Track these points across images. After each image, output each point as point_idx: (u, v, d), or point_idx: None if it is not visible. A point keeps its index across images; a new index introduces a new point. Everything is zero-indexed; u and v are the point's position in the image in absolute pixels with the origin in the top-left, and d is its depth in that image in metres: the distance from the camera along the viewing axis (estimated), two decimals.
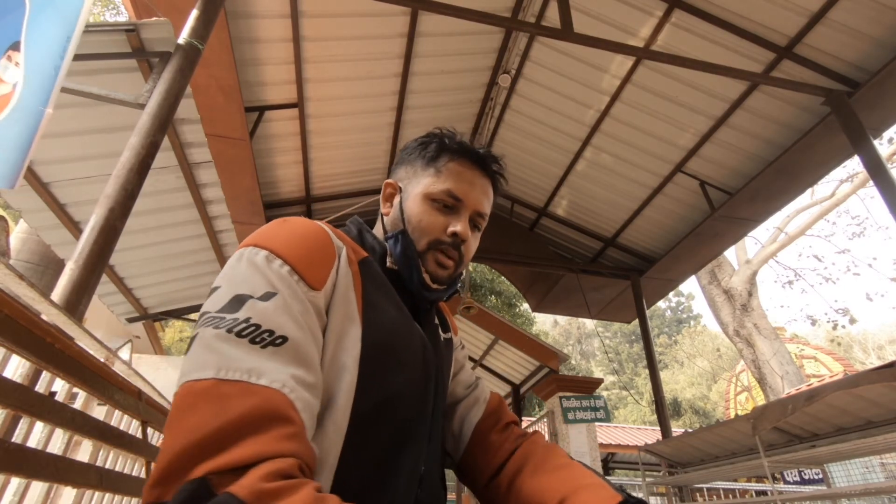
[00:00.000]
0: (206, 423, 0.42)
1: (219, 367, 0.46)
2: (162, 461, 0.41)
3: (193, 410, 0.43)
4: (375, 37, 4.02)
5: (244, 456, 0.40)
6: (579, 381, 5.87)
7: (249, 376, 0.46)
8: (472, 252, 0.78)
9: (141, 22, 2.67)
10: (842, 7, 3.35)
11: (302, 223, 0.64)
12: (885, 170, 3.30)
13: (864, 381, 2.70)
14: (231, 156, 3.92)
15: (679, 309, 33.31)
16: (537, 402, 13.68)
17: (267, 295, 0.53)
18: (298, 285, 0.56)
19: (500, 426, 0.81)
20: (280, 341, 0.50)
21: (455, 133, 0.79)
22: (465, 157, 0.76)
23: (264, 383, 0.46)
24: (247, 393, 0.45)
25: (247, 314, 0.51)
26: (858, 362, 23.08)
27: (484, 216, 0.78)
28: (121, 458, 1.80)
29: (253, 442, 0.41)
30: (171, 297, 5.59)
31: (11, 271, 1.03)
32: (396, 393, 0.62)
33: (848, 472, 5.51)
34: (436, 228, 0.73)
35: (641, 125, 4.76)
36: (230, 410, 0.43)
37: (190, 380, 0.46)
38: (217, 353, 0.47)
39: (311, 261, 0.59)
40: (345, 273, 0.63)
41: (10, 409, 0.89)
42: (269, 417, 0.44)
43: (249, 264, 0.56)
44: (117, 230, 1.98)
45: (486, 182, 0.78)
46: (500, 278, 12.34)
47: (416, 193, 0.75)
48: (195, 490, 0.39)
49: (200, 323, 0.51)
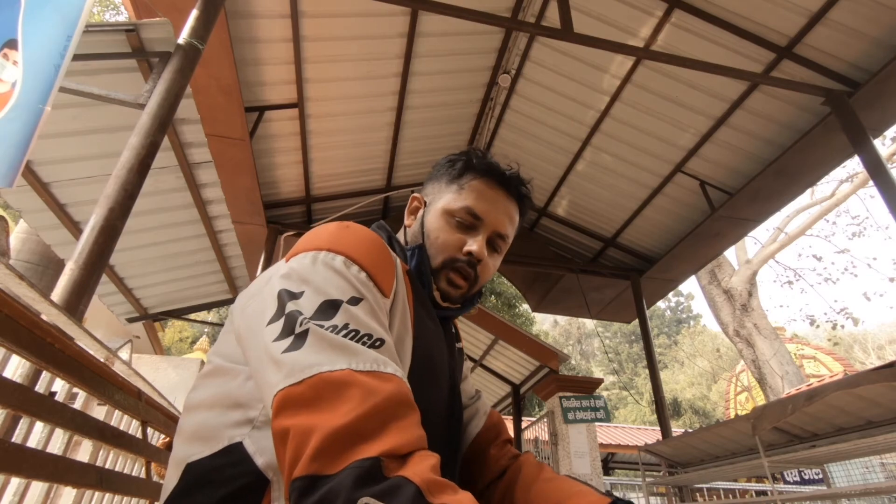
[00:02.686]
0: (358, 406, 0.43)
1: (349, 359, 0.47)
2: (320, 437, 0.42)
3: (339, 395, 0.45)
4: (375, 37, 4.02)
5: (401, 444, 0.42)
6: (579, 381, 5.87)
7: (378, 366, 0.48)
8: (490, 274, 0.76)
9: (141, 22, 2.67)
10: (842, 7, 3.35)
11: (364, 230, 0.65)
12: (885, 170, 3.30)
13: (864, 381, 2.70)
14: (231, 156, 3.92)
15: (679, 309, 33.31)
16: (537, 402, 13.69)
17: (354, 300, 0.54)
18: (375, 291, 0.57)
19: (499, 442, 0.81)
20: (379, 343, 0.51)
21: (484, 153, 0.78)
22: (490, 177, 0.75)
23: (391, 371, 0.48)
24: (382, 379, 0.47)
25: (343, 319, 0.52)
26: (858, 362, 23.07)
27: (505, 238, 0.76)
28: (121, 458, 1.80)
29: (400, 430, 0.44)
30: (171, 297, 5.59)
31: (11, 271, 1.03)
32: (431, 406, 0.63)
33: (848, 472, 5.51)
34: (452, 246, 0.72)
35: (641, 125, 4.76)
36: (376, 394, 0.45)
37: (322, 371, 0.46)
38: (340, 348, 0.48)
39: (381, 268, 0.60)
40: (401, 283, 0.64)
41: (10, 409, 0.89)
42: (404, 404, 0.46)
43: (328, 268, 0.57)
44: (117, 230, 1.98)
45: (511, 204, 0.77)
46: (500, 278, 12.34)
47: (437, 209, 0.75)
48: (370, 469, 0.40)
49: (304, 323, 0.51)
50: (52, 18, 1.77)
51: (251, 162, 4.08)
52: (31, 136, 1.65)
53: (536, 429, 6.66)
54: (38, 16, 1.75)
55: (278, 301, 0.55)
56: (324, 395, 0.45)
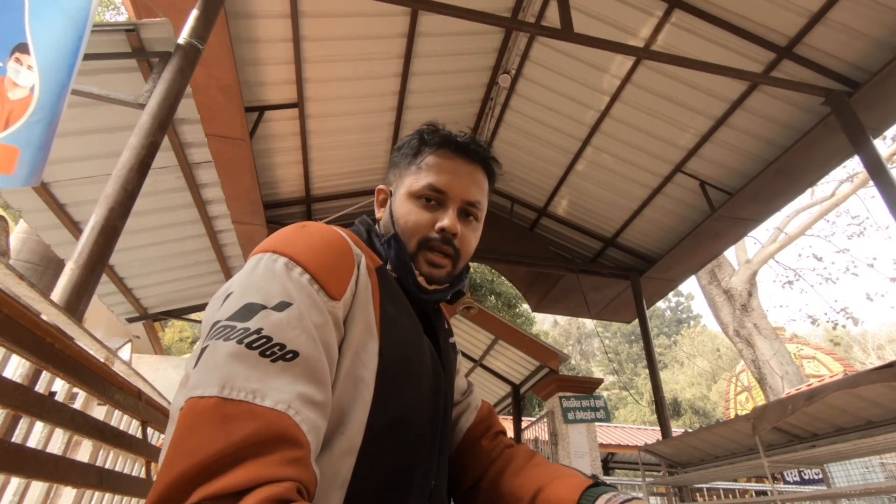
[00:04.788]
0: (207, 446, 0.40)
1: (223, 385, 0.44)
2: (159, 485, 0.40)
3: (194, 431, 0.42)
4: (375, 37, 4.02)
5: (241, 481, 0.39)
6: (579, 381, 5.86)
7: (254, 397, 0.44)
8: (472, 244, 0.75)
9: (141, 22, 2.67)
10: (842, 7, 3.35)
11: (321, 229, 0.62)
12: (885, 170, 3.30)
13: (864, 381, 2.70)
14: (231, 156, 3.92)
15: (679, 309, 33.32)
16: (537, 402, 13.68)
17: (281, 305, 0.51)
18: (319, 295, 0.54)
19: (491, 434, 0.81)
20: (291, 356, 0.48)
21: (437, 126, 0.76)
22: (445, 148, 0.73)
23: (269, 405, 0.44)
24: (250, 415, 0.43)
25: (258, 325, 0.48)
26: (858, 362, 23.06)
27: (476, 204, 0.74)
28: (121, 458, 1.80)
29: (252, 466, 0.40)
30: (171, 297, 5.59)
31: (11, 271, 1.03)
32: (410, 408, 0.61)
33: (848, 472, 5.51)
34: (423, 226, 0.70)
35: (641, 125, 4.76)
36: (232, 433, 0.41)
37: (194, 396, 0.44)
38: (222, 369, 0.45)
39: (332, 269, 0.57)
40: (364, 283, 0.61)
41: (10, 409, 0.89)
42: (272, 441, 0.42)
43: (266, 271, 0.54)
44: (117, 230, 1.98)
45: (474, 168, 0.75)
46: (500, 278, 12.34)
47: (402, 194, 0.73)
48: None
49: (211, 334, 0.49)
50: (59, 20, 1.80)
51: (251, 162, 4.08)
52: (52, 136, 1.71)
53: (536, 429, 6.66)
54: (45, 18, 1.77)
55: (215, 306, 0.54)
56: (184, 428, 0.43)
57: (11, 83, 1.68)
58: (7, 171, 1.63)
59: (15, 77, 1.68)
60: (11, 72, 1.68)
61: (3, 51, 1.69)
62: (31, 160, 1.66)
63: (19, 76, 1.69)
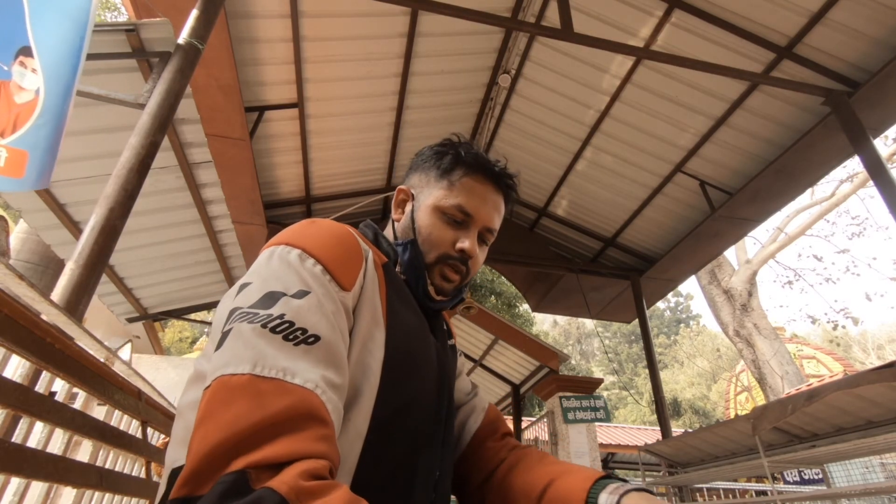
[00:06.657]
0: (243, 418, 0.42)
1: (254, 363, 0.45)
2: (196, 456, 0.40)
3: (229, 405, 0.43)
4: (375, 37, 4.02)
5: (281, 453, 0.40)
6: (579, 381, 5.87)
7: (284, 374, 0.45)
8: (479, 266, 0.78)
9: (141, 22, 2.67)
10: (842, 7, 3.35)
11: (331, 224, 0.64)
12: (885, 170, 3.30)
13: (864, 381, 2.70)
14: (231, 156, 3.92)
15: (679, 309, 33.34)
16: (537, 402, 13.69)
17: (300, 293, 0.53)
18: (331, 285, 0.56)
19: (498, 435, 0.83)
20: (312, 340, 0.50)
21: (471, 144, 0.78)
22: (480, 173, 0.76)
23: (299, 382, 0.45)
24: (283, 391, 0.44)
25: (281, 310, 0.50)
26: (858, 362, 23.07)
27: (493, 232, 0.78)
28: (121, 458, 1.80)
29: (289, 440, 0.41)
30: (171, 297, 5.59)
31: (11, 271, 1.03)
32: (414, 399, 0.63)
33: (848, 472, 5.51)
34: (444, 243, 0.73)
35: (641, 125, 4.76)
36: (267, 407, 0.43)
37: (225, 374, 0.45)
38: (252, 349, 0.47)
39: (342, 261, 0.60)
40: (371, 276, 0.63)
41: (10, 409, 0.89)
42: (304, 417, 0.44)
43: (282, 262, 0.57)
44: (117, 230, 1.98)
45: (499, 197, 0.78)
46: (500, 278, 12.35)
47: (428, 205, 0.75)
48: (234, 483, 0.38)
49: (234, 318, 0.51)
50: (60, 22, 1.80)
51: (251, 162, 4.08)
52: (59, 138, 1.72)
53: (536, 429, 6.66)
54: (45, 20, 1.77)
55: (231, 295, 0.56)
56: (217, 402, 0.44)
57: (17, 87, 1.69)
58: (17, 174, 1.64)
59: (20, 80, 1.69)
60: (16, 75, 1.69)
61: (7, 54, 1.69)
62: (39, 163, 1.67)
63: (24, 79, 1.70)
